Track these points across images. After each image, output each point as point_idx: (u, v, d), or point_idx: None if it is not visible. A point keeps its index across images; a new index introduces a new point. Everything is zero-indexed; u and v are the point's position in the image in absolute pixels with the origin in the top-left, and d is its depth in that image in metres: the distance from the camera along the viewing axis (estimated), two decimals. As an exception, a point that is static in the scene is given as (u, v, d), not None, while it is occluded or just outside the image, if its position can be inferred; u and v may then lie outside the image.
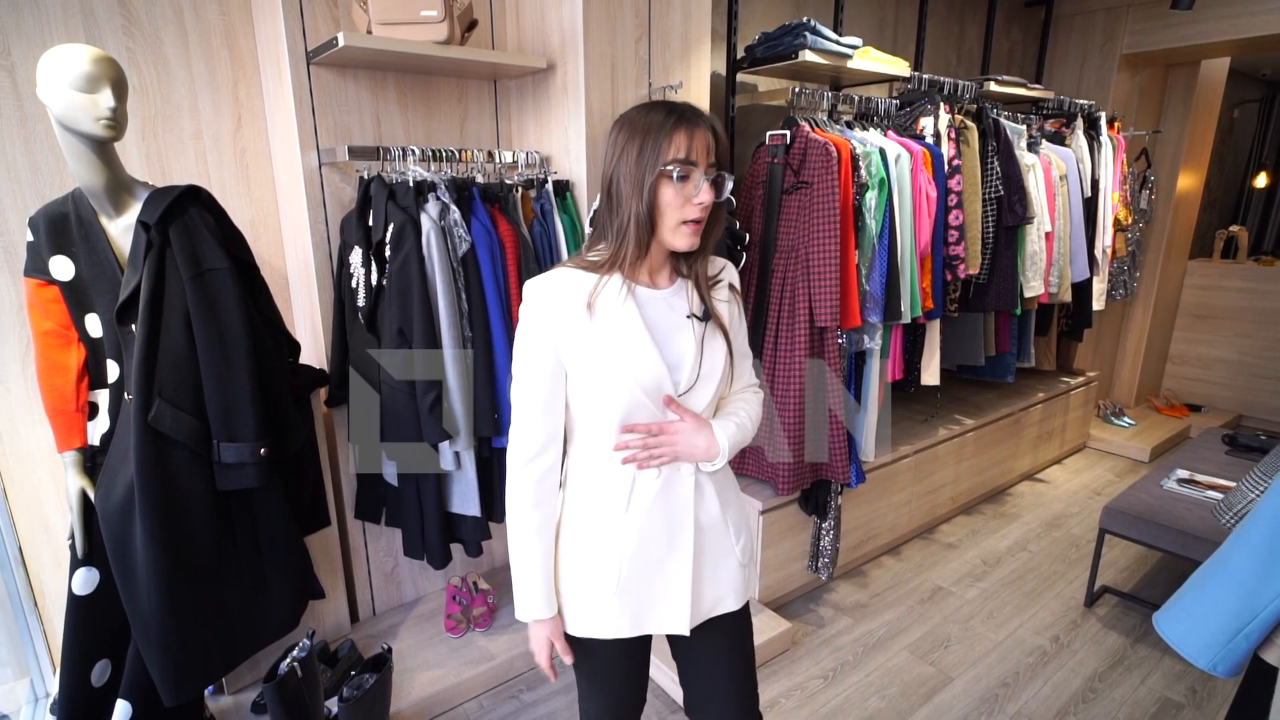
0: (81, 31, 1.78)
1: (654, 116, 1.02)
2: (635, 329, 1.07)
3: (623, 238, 1.06)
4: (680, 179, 1.02)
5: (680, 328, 1.11)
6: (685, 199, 1.03)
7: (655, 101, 1.07)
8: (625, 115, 1.07)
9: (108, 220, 1.51)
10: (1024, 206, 2.82)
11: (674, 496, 1.13)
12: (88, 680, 1.58)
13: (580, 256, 1.12)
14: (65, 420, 1.54)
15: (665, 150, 1.00)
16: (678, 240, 1.06)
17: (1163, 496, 2.54)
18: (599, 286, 1.06)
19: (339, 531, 2.17)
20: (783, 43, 2.46)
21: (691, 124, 1.02)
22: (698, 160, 1.02)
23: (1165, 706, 2.09)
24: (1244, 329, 4.47)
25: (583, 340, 1.05)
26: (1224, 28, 3.48)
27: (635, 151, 1.02)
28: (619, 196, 1.05)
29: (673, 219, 1.04)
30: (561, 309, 1.05)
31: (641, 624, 1.15)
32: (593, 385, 1.07)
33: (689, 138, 1.01)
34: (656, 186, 1.02)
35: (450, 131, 2.25)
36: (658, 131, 1.01)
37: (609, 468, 1.11)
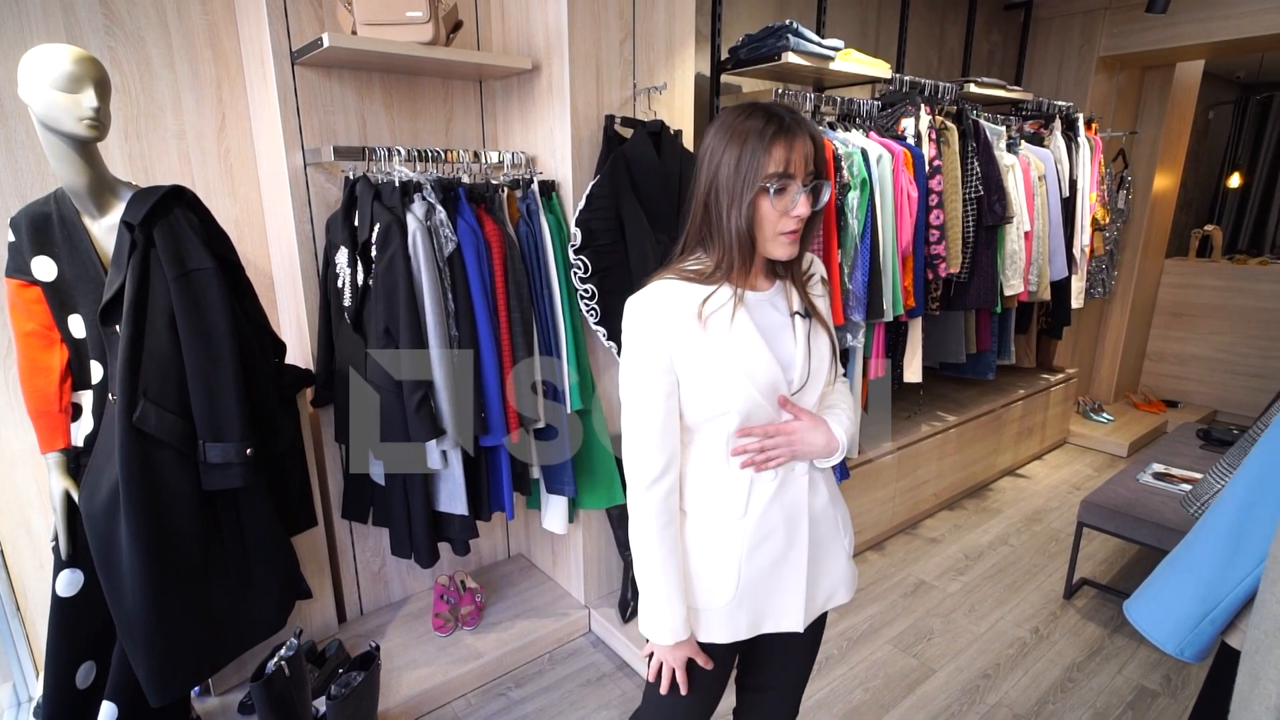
0: (62, 31, 1.77)
1: (752, 123, 0.99)
2: (748, 333, 1.06)
3: (726, 249, 1.04)
4: (778, 192, 0.99)
5: (785, 327, 1.11)
6: (781, 212, 1.01)
7: (753, 106, 1.02)
8: (723, 119, 1.03)
9: (91, 220, 1.50)
10: (1003, 206, 2.87)
11: (790, 495, 1.13)
12: (72, 683, 1.58)
13: (678, 266, 1.10)
14: (48, 421, 1.53)
15: (764, 164, 0.97)
16: (776, 250, 1.05)
17: (1139, 490, 2.59)
18: (707, 296, 1.05)
19: (326, 531, 2.17)
20: (766, 44, 2.49)
21: (791, 135, 0.98)
22: (795, 172, 0.99)
23: (1141, 695, 2.14)
24: (1219, 326, 4.56)
25: (696, 350, 1.04)
26: (1197, 31, 3.55)
27: (734, 162, 0.99)
28: (718, 208, 1.03)
29: (769, 231, 1.03)
30: (672, 322, 1.04)
31: (759, 625, 1.15)
32: (708, 393, 1.06)
33: (788, 149, 0.98)
34: (756, 202, 1.00)
35: (436, 132, 2.26)
36: (756, 142, 0.98)
37: (725, 475, 1.11)
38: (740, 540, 1.11)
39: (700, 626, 1.14)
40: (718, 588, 1.12)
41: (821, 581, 1.18)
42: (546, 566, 2.61)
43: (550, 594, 2.48)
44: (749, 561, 1.11)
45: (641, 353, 1.05)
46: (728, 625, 1.13)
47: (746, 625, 1.14)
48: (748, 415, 1.07)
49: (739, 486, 1.10)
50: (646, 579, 1.10)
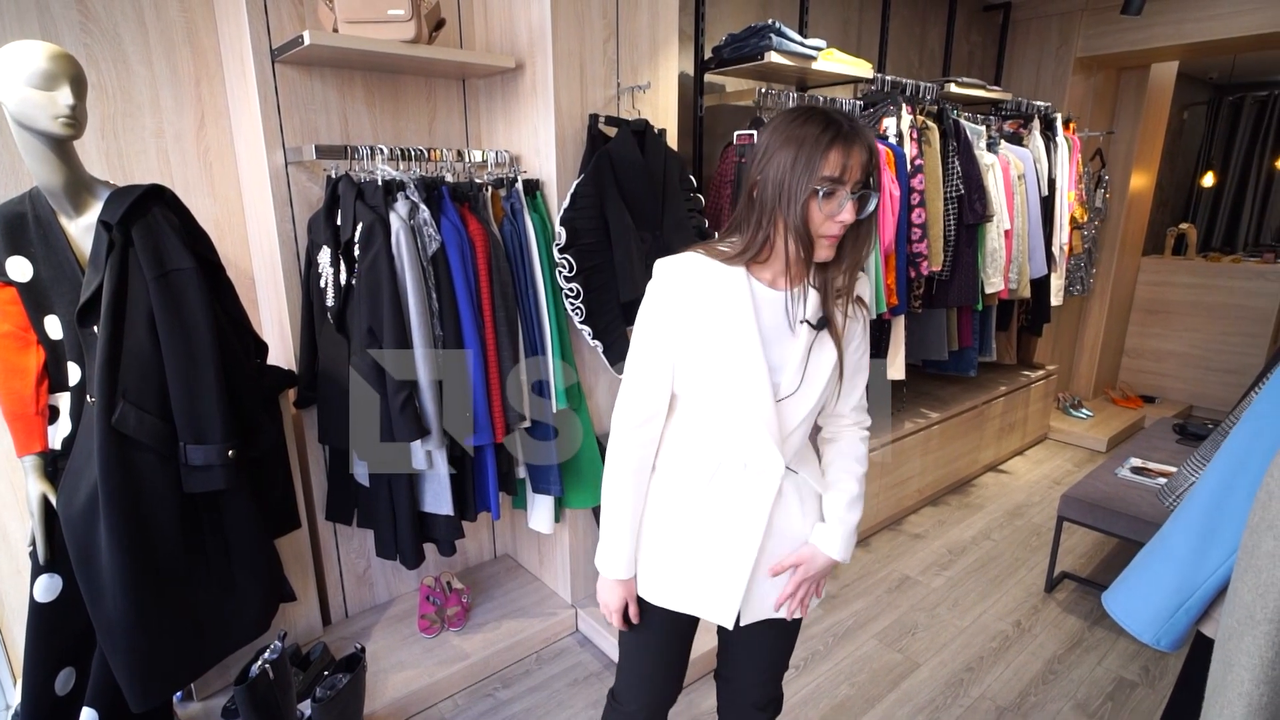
0: (37, 28, 1.74)
1: (810, 129, 1.00)
2: (745, 325, 1.08)
3: (762, 239, 1.07)
4: (826, 196, 1.00)
5: (790, 332, 1.12)
6: (827, 216, 1.02)
7: (812, 109, 1.03)
8: (779, 120, 1.05)
9: (67, 220, 1.48)
10: (984, 205, 2.90)
11: (753, 495, 1.16)
12: (51, 689, 1.55)
13: (712, 244, 1.13)
14: (24, 424, 1.51)
15: (820, 167, 0.99)
16: (818, 252, 1.06)
17: (1117, 484, 2.63)
18: (725, 277, 1.09)
19: (309, 533, 2.16)
20: (749, 44, 2.50)
21: (848, 142, 0.99)
22: (847, 179, 1.00)
23: (1121, 685, 2.18)
24: (1194, 323, 4.65)
25: (697, 325, 1.09)
26: (1171, 33, 3.61)
27: (789, 161, 1.00)
28: (764, 200, 1.05)
29: (812, 231, 1.04)
30: (686, 291, 1.09)
31: (689, 604, 1.21)
32: (696, 371, 1.11)
33: (844, 155, 0.99)
34: (807, 203, 1.01)
35: (419, 131, 2.25)
36: (813, 146, 0.99)
37: (697, 449, 1.17)
38: (694, 516, 1.18)
39: (641, 580, 1.23)
40: (664, 549, 1.20)
41: (764, 591, 1.22)
42: (533, 566, 2.60)
43: (537, 594, 2.48)
44: (695, 538, 1.18)
45: (652, 311, 1.12)
46: (659, 587, 1.21)
47: (678, 597, 1.21)
48: (725, 403, 1.11)
49: (705, 466, 1.17)
50: (608, 514, 1.20)
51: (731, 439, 1.14)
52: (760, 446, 1.13)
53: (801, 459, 1.20)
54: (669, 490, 1.20)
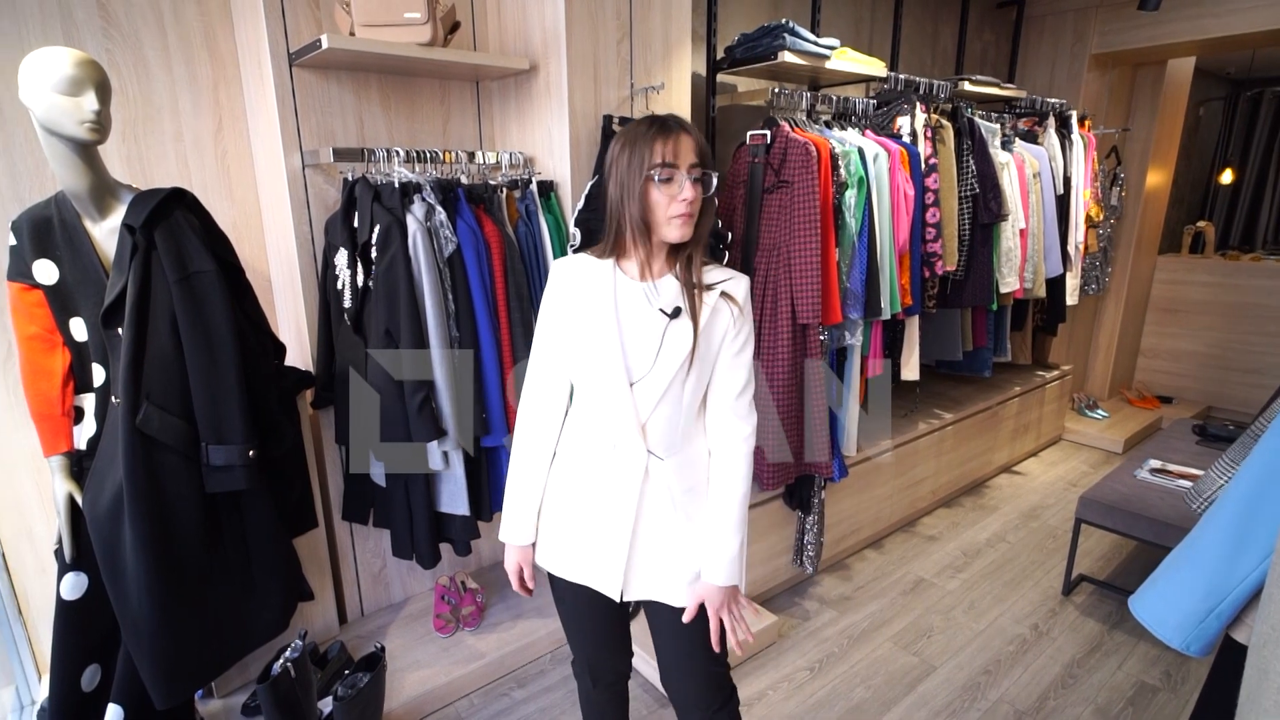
0: (60, 34, 1.77)
1: (639, 128, 1.17)
2: (605, 312, 1.21)
3: (618, 233, 1.21)
4: (664, 180, 1.14)
5: (649, 319, 1.21)
6: (670, 197, 1.15)
7: (646, 116, 1.20)
8: (622, 130, 1.21)
9: (91, 223, 1.50)
10: (999, 204, 2.88)
11: (622, 476, 1.25)
12: (78, 685, 1.57)
13: (596, 244, 1.27)
14: (51, 425, 1.53)
15: (649, 157, 1.14)
16: (670, 232, 1.17)
17: (1136, 486, 2.61)
18: (596, 271, 1.23)
19: (326, 533, 2.17)
20: (761, 44, 2.49)
21: (668, 131, 1.15)
22: (678, 162, 1.14)
23: (1142, 690, 2.16)
24: (1212, 322, 4.59)
25: (568, 315, 1.24)
26: (1188, 28, 3.58)
27: (625, 160, 1.16)
28: (615, 200, 1.19)
29: (662, 215, 1.16)
30: (567, 286, 1.24)
31: (580, 574, 1.31)
32: (572, 358, 1.25)
33: (664, 143, 1.14)
34: (645, 189, 1.15)
35: (433, 132, 2.26)
36: (642, 141, 1.14)
37: (580, 432, 1.29)
38: (575, 487, 1.29)
39: (544, 551, 1.35)
40: (554, 519, 1.33)
41: (647, 567, 1.28)
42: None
43: (550, 594, 2.48)
44: (577, 509, 1.29)
45: (545, 304, 1.28)
46: (556, 557, 1.33)
47: (572, 568, 1.31)
48: (592, 385, 1.23)
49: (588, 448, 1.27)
50: (508, 487, 1.35)
51: (600, 421, 1.25)
52: (623, 428, 1.22)
53: (673, 449, 1.24)
54: (561, 468, 1.32)
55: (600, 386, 1.23)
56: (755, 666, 2.25)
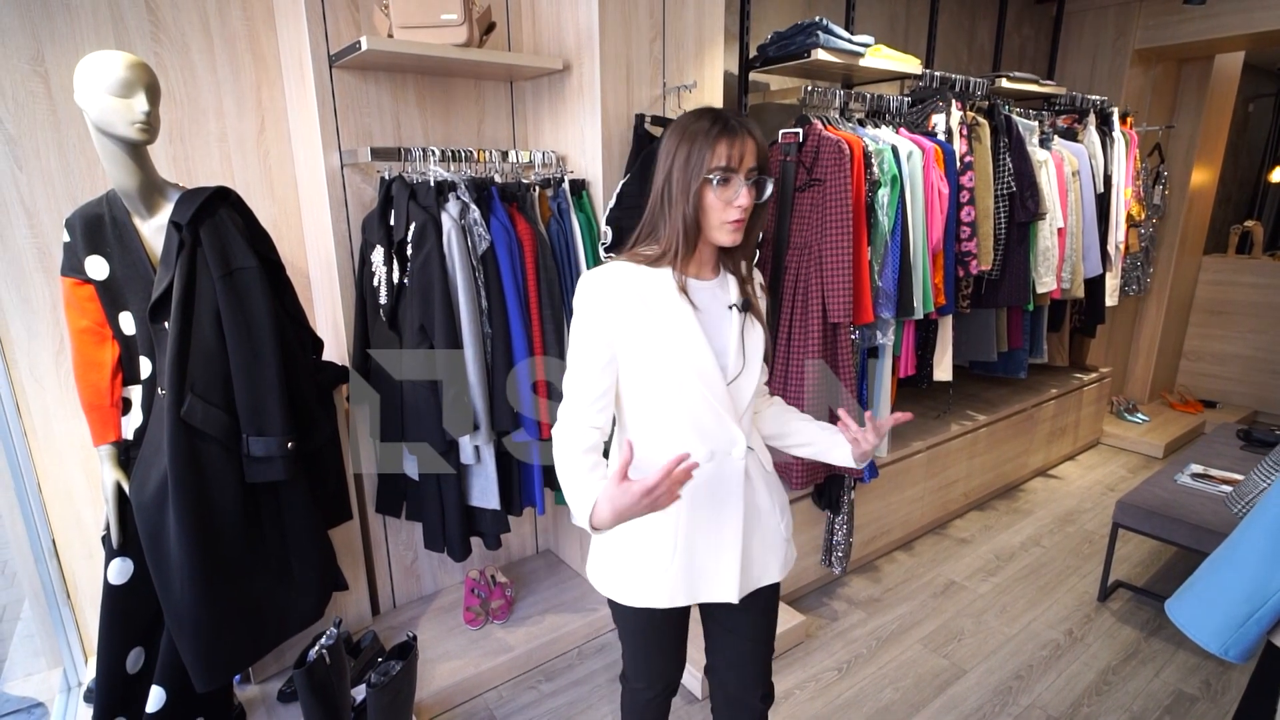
0: (111, 38, 1.83)
1: (700, 124, 1.10)
2: (686, 317, 1.15)
3: (674, 236, 1.14)
4: (721, 184, 1.10)
5: (724, 317, 1.20)
6: (726, 202, 1.11)
7: (704, 109, 1.14)
8: (678, 121, 1.15)
9: (140, 221, 1.55)
10: (1036, 202, 2.83)
11: (725, 480, 1.22)
12: (123, 667, 1.63)
13: (631, 250, 1.20)
14: (101, 415, 1.59)
15: (709, 159, 1.08)
16: (722, 237, 1.14)
17: (1176, 491, 2.54)
18: (654, 279, 1.15)
19: (360, 525, 2.22)
20: (795, 42, 2.48)
21: (733, 133, 1.09)
22: (738, 167, 1.10)
23: (1179, 699, 2.10)
24: (1259, 325, 4.45)
25: (637, 328, 1.14)
26: (1238, 22, 3.47)
27: (684, 158, 1.10)
28: (670, 199, 1.13)
29: (716, 219, 1.13)
30: (618, 299, 1.13)
31: (695, 593, 1.24)
32: (647, 372, 1.15)
33: (729, 146, 1.08)
34: (701, 192, 1.11)
35: (468, 132, 2.29)
36: (703, 140, 1.09)
37: (661, 452, 1.17)
38: (676, 514, 1.20)
39: (640, 590, 1.24)
40: (654, 554, 1.22)
41: (755, 558, 1.27)
42: (574, 562, 2.63)
43: (578, 589, 2.51)
44: (685, 534, 1.21)
45: (585, 325, 1.16)
46: (666, 590, 1.23)
47: (685, 593, 1.24)
48: (683, 397, 1.16)
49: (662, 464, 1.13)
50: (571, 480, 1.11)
51: (695, 431, 1.18)
52: (723, 431, 1.19)
53: (752, 437, 1.27)
54: None
55: (695, 392, 1.16)
56: (782, 666, 2.24)
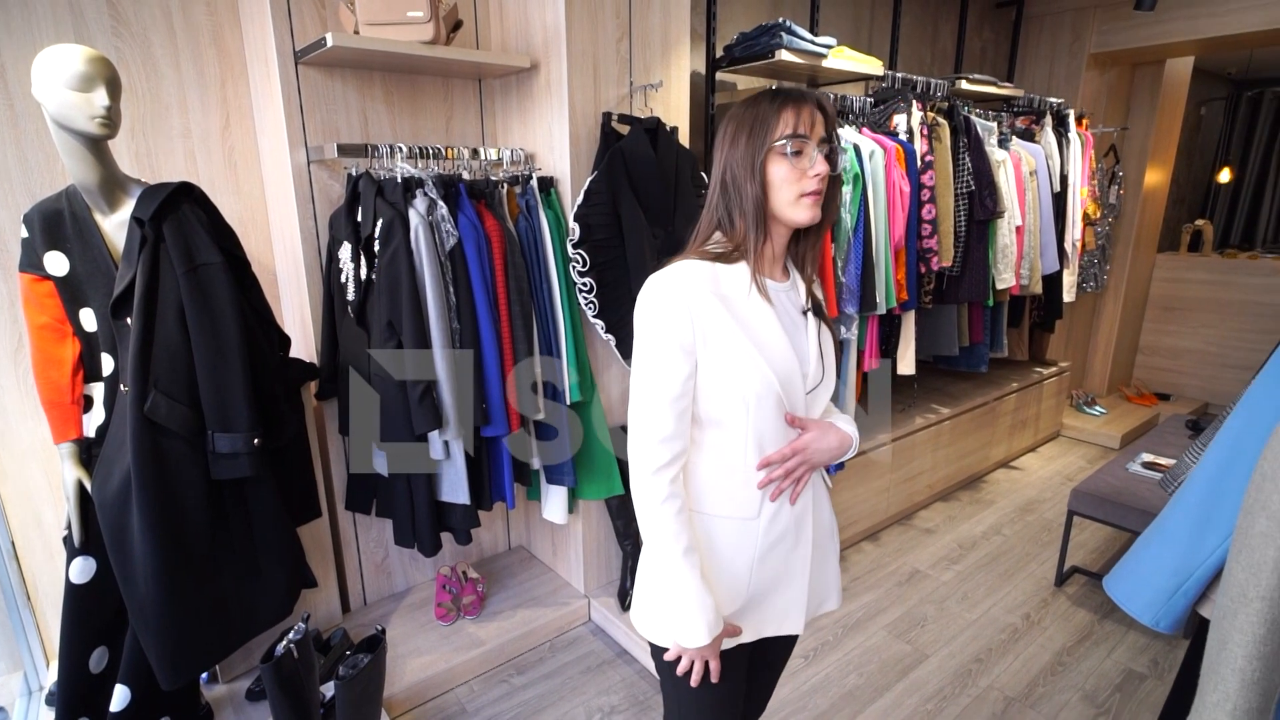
0: (71, 32, 1.81)
1: (760, 105, 1.02)
2: (768, 317, 1.05)
3: (746, 224, 1.03)
4: (794, 154, 1.00)
5: (800, 322, 1.10)
6: (801, 172, 1.00)
7: (762, 91, 1.06)
8: (731, 111, 1.06)
9: (101, 216, 1.54)
10: (995, 201, 2.91)
11: (799, 501, 1.13)
12: (86, 667, 1.62)
13: (698, 248, 1.08)
14: (61, 413, 1.57)
15: (774, 128, 0.99)
16: (799, 214, 1.02)
17: (1128, 479, 2.64)
18: (729, 276, 1.04)
19: (330, 522, 2.21)
20: (760, 43, 2.53)
21: (798, 101, 1.00)
22: (808, 133, 1.00)
23: (1129, 678, 2.19)
24: (1210, 320, 4.62)
25: (720, 329, 1.01)
26: (1186, 28, 3.60)
27: (745, 137, 1.01)
28: (735, 185, 1.03)
29: (790, 194, 1.01)
30: (695, 300, 1.01)
31: (762, 629, 1.14)
32: (727, 377, 1.02)
33: (796, 113, 0.99)
34: (766, 164, 1.00)
35: (436, 130, 2.30)
36: (765, 115, 1.00)
37: (740, 474, 1.07)
38: (754, 542, 1.08)
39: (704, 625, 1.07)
40: (730, 592, 1.09)
41: (818, 585, 1.18)
42: (546, 557, 2.65)
43: (551, 584, 2.53)
44: (760, 564, 1.09)
45: (663, 332, 1.01)
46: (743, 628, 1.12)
47: (753, 629, 1.13)
48: (764, 407, 1.04)
49: (754, 486, 1.08)
50: (671, 571, 1.02)
51: (772, 447, 1.07)
52: None
53: None
54: (721, 531, 1.08)
55: (776, 404, 1.05)
56: (750, 655, 2.28)
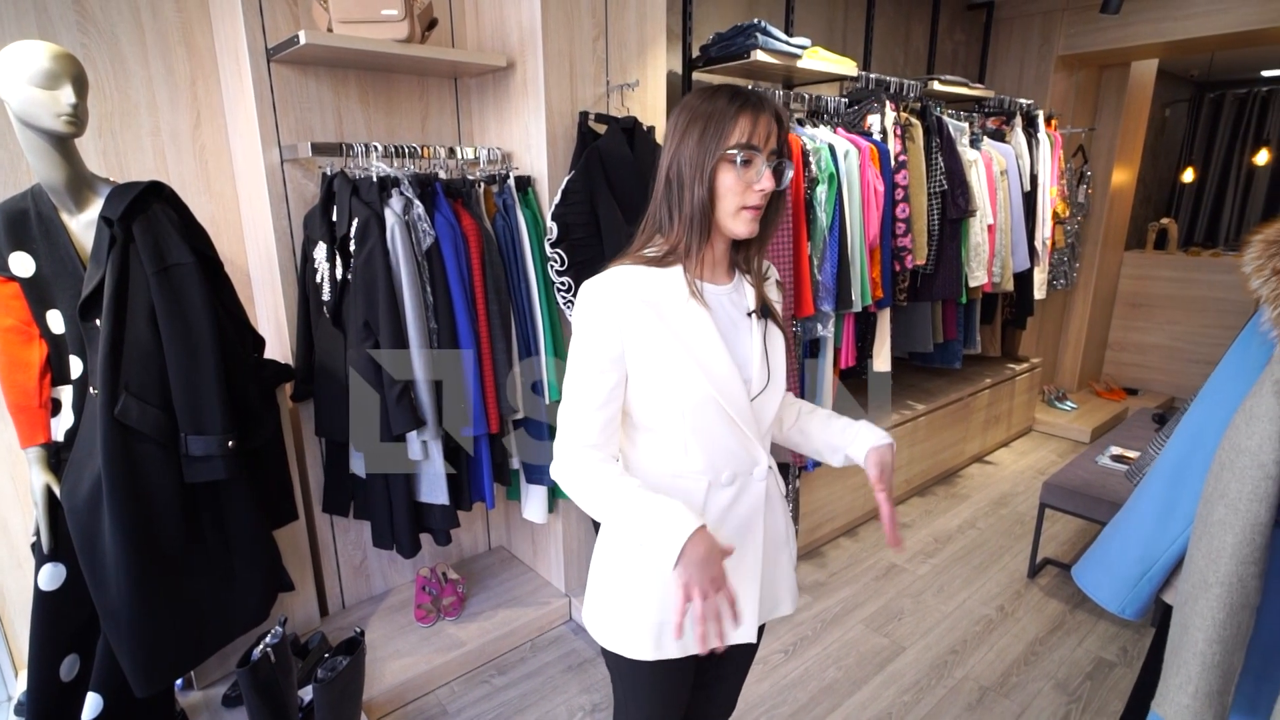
0: (34, 27, 1.77)
1: (718, 102, 0.98)
2: (705, 326, 1.02)
3: (686, 226, 1.01)
4: (744, 164, 0.97)
5: (743, 326, 1.07)
6: (746, 184, 0.98)
7: (720, 86, 1.01)
8: (686, 101, 1.02)
9: (68, 216, 1.51)
10: (967, 200, 2.96)
11: (746, 503, 1.09)
12: (56, 675, 1.58)
13: (634, 253, 1.05)
14: (28, 417, 1.54)
15: (729, 134, 0.96)
16: (738, 226, 1.00)
17: (1097, 472, 2.70)
18: (664, 282, 1.01)
19: (307, 525, 2.19)
20: (735, 43, 2.55)
21: (757, 108, 0.97)
22: (761, 145, 0.97)
23: (1100, 666, 2.24)
24: (1175, 316, 4.73)
25: (650, 339, 0.99)
26: (1150, 31, 3.68)
27: (697, 135, 0.97)
28: (680, 183, 1.00)
29: (732, 204, 0.99)
30: (627, 309, 0.99)
31: None
32: (661, 386, 1.01)
33: (753, 121, 0.96)
34: (716, 171, 0.98)
35: (412, 129, 2.28)
36: (721, 116, 0.96)
37: (679, 476, 1.06)
38: None
39: (654, 640, 1.08)
40: (666, 600, 1.06)
41: (769, 592, 1.15)
42: (527, 557, 2.65)
43: (531, 583, 2.52)
44: None
45: (592, 340, 1.00)
46: (666, 638, 1.09)
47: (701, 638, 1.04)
48: (704, 414, 1.03)
49: (695, 492, 1.06)
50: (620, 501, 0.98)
51: (717, 454, 1.05)
52: (745, 453, 1.07)
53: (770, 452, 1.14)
54: None
55: (716, 411, 1.02)
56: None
